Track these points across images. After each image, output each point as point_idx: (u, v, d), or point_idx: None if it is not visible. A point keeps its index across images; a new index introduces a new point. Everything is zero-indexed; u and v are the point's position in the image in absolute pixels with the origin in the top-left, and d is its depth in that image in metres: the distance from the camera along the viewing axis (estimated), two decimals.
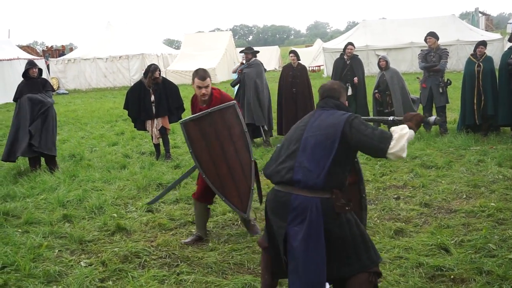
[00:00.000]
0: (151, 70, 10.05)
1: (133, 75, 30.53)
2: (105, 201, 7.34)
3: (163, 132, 10.16)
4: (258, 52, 11.61)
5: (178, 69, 31.00)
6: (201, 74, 5.61)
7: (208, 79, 5.64)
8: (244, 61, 11.49)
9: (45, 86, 9.62)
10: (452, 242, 5.40)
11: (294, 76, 11.64)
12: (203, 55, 31.82)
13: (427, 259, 5.00)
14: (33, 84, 9.49)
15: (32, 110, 9.33)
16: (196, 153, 5.56)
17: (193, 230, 6.21)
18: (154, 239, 6.01)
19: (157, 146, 10.34)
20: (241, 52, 11.83)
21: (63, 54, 37.34)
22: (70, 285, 4.81)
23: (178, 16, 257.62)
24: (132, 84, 13.09)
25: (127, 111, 10.56)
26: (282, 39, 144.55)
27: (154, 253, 5.59)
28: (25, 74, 9.59)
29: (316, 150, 3.57)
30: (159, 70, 10.15)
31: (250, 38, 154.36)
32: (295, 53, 11.86)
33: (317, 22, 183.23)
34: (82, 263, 5.35)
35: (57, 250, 5.73)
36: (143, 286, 4.74)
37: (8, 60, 25.69)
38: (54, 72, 31.22)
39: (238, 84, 11.49)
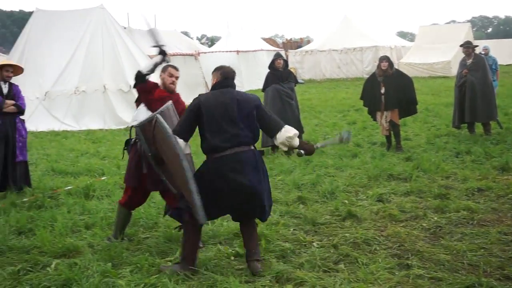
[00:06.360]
0: (379, 60, 10.20)
1: (366, 66, 30.79)
2: (337, 187, 7.57)
3: (393, 124, 10.06)
4: (477, 46, 11.66)
5: (411, 62, 30.33)
6: (175, 66, 5.89)
7: (179, 72, 5.88)
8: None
9: (288, 78, 10.25)
10: None
11: None
12: (438, 47, 30.61)
13: None
14: (278, 75, 10.17)
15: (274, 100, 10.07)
16: None
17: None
18: (384, 229, 6.02)
19: (388, 137, 10.30)
20: (461, 46, 11.26)
21: (300, 46, 39.11)
22: (304, 263, 5.09)
23: (413, 8, 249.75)
24: (365, 75, 13.27)
25: (362, 101, 10.72)
26: None
27: (383, 242, 5.60)
28: (271, 65, 10.31)
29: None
30: (388, 61, 10.05)
31: (490, 30, 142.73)
32: None
33: None
34: (314, 244, 5.60)
35: (292, 229, 6.11)
36: (373, 274, 4.78)
37: (253, 51, 27.90)
38: (292, 62, 32.89)
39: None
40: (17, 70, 8.15)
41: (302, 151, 5.02)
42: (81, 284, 4.61)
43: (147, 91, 5.74)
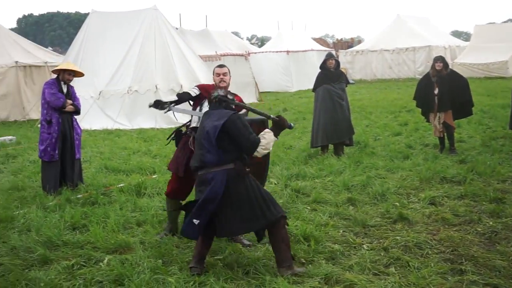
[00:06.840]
0: (433, 60, 10.05)
1: (418, 67, 30.27)
2: (388, 189, 7.44)
3: (447, 126, 9.84)
4: None
5: (466, 62, 29.51)
6: (220, 64, 6.12)
7: (226, 68, 5.92)
8: None
9: (339, 78, 10.17)
10: None
11: None
12: (495, 47, 29.67)
13: None
14: (329, 75, 10.11)
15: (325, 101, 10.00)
16: None
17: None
18: (436, 232, 5.88)
19: (441, 139, 10.07)
20: None
21: (351, 46, 38.76)
22: (354, 265, 5.02)
23: (468, 6, 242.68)
24: (417, 76, 13.04)
25: (415, 102, 10.57)
26: None
27: (436, 246, 5.47)
28: (323, 65, 10.26)
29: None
30: (442, 62, 9.88)
31: None
32: None
33: None
34: (364, 246, 5.52)
35: (341, 231, 6.04)
36: (425, 278, 4.68)
37: (303, 51, 27.86)
38: (343, 63, 32.60)
39: None
40: (77, 74, 8.45)
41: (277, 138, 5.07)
42: (132, 280, 4.69)
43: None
